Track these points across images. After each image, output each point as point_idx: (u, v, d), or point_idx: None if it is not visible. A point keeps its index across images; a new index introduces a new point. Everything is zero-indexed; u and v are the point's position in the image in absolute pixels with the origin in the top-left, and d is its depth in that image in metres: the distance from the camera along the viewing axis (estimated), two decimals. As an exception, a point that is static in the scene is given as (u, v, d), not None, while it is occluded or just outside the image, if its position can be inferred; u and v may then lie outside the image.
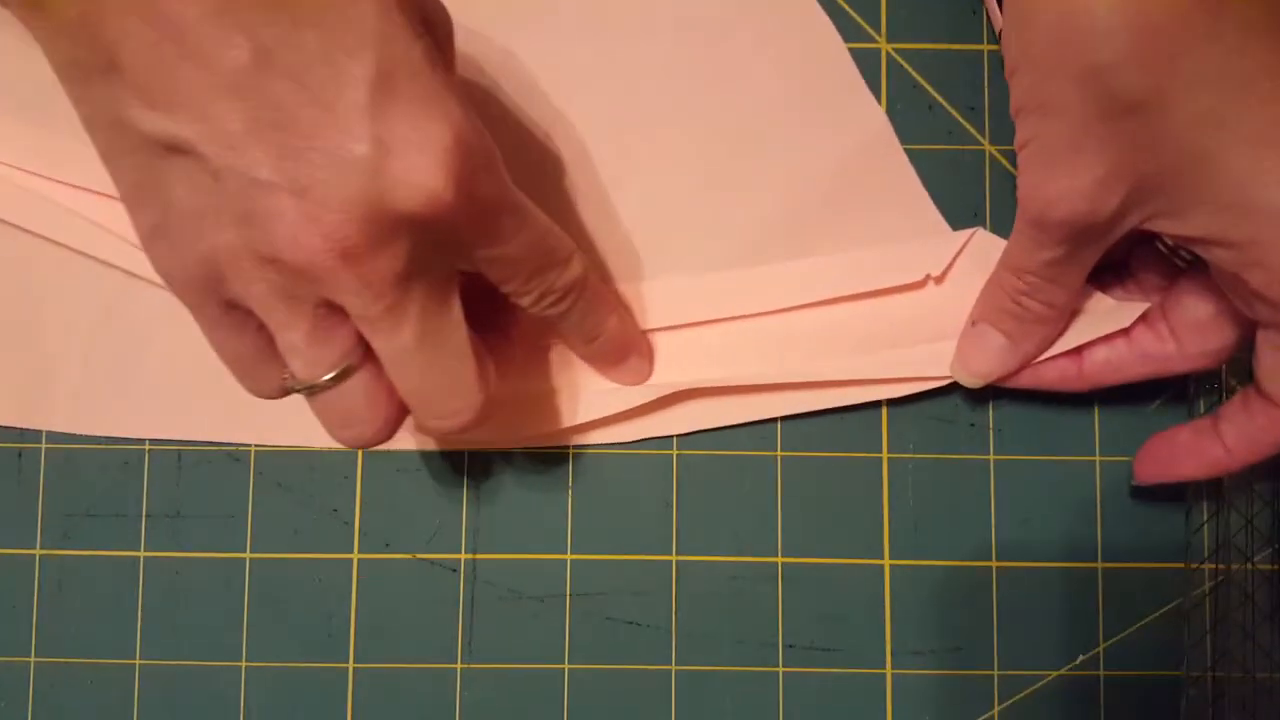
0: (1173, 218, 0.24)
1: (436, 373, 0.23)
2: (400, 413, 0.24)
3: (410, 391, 0.23)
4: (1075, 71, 0.22)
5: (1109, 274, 0.29)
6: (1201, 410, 0.31)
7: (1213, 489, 0.31)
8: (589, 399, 0.30)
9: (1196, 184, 0.22)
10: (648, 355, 0.30)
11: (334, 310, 0.22)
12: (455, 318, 0.23)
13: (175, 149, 0.20)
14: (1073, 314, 0.28)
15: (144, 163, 0.20)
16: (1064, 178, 0.23)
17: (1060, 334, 0.28)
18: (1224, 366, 0.30)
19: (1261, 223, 0.22)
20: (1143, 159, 0.23)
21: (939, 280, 0.30)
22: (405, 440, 0.31)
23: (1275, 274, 0.23)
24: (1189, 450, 0.28)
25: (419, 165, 0.20)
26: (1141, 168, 0.23)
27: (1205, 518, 0.30)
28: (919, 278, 0.30)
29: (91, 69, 0.19)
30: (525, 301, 0.25)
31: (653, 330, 0.31)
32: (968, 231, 0.30)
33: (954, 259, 0.30)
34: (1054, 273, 0.26)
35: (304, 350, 0.22)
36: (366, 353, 0.23)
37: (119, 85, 0.19)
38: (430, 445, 0.31)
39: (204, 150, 0.19)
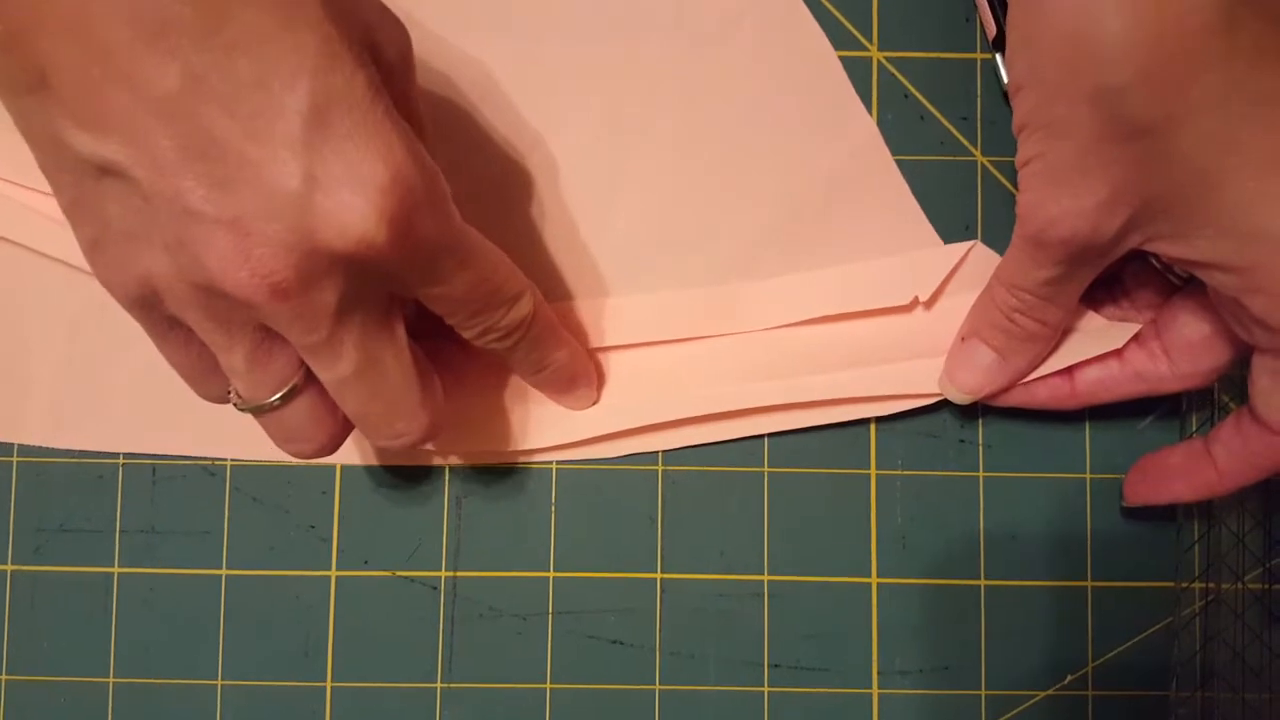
0: (1175, 240, 0.23)
1: (378, 400, 0.23)
2: (345, 428, 0.24)
3: (353, 415, 0.23)
4: (1084, 93, 0.22)
5: (1102, 290, 0.28)
6: (1194, 427, 0.30)
7: (1203, 508, 0.30)
8: (570, 417, 0.30)
9: (1202, 208, 0.22)
10: (596, 384, 0.30)
11: (273, 334, 0.21)
12: (397, 344, 0.23)
13: (107, 170, 0.19)
14: (1065, 332, 0.28)
15: (79, 180, 0.20)
16: (1067, 198, 0.23)
17: (1051, 351, 0.28)
18: (1216, 384, 0.30)
19: (1265, 249, 0.22)
20: (1148, 181, 0.22)
21: (929, 303, 0.30)
22: (384, 456, 0.30)
23: (1276, 300, 0.22)
24: (1180, 472, 0.28)
25: (350, 205, 0.19)
26: (1146, 190, 0.22)
27: (1196, 536, 0.30)
28: (908, 300, 0.30)
29: (24, 85, 0.19)
30: (468, 335, 0.25)
31: (638, 345, 0.30)
32: (963, 246, 0.30)
33: (948, 277, 0.30)
34: (1050, 291, 0.26)
35: (244, 374, 0.22)
36: (309, 373, 0.22)
37: (51, 103, 0.19)
38: (410, 461, 0.30)
39: (134, 174, 0.19)
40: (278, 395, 0.22)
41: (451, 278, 0.22)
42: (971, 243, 0.30)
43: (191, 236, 0.19)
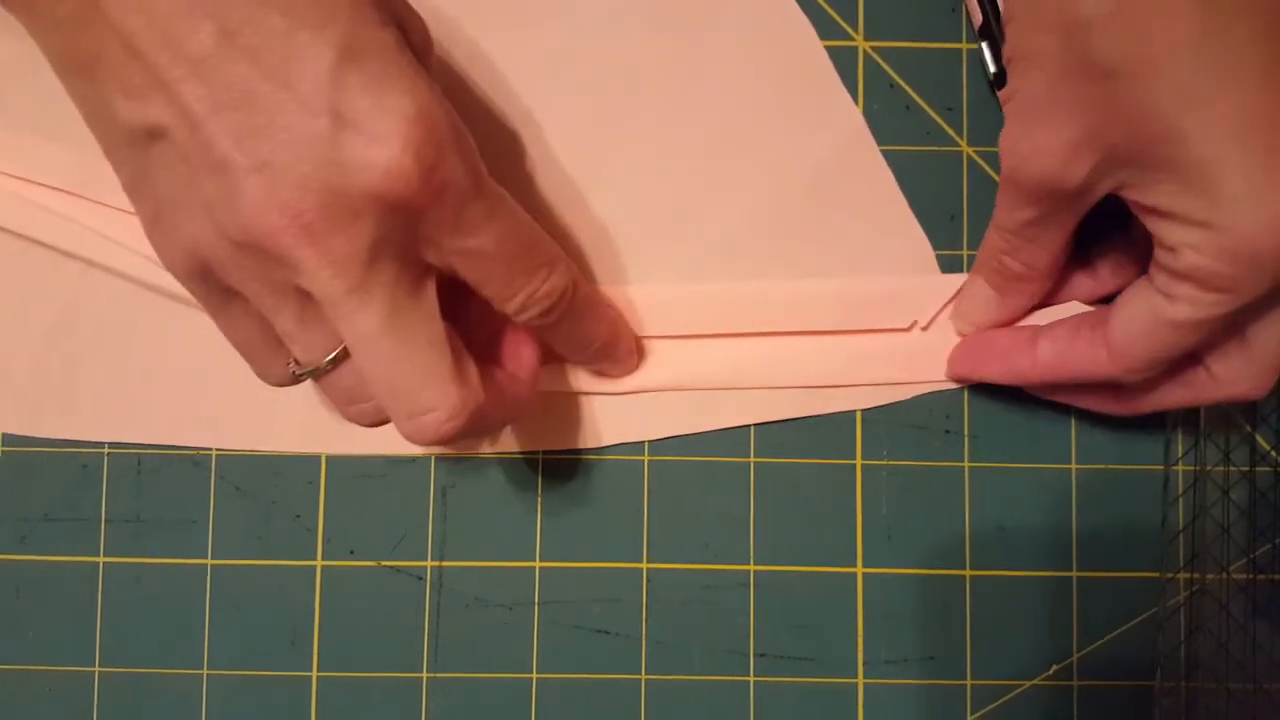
0: (1139, 188, 0.23)
1: (404, 363, 0.22)
2: None
3: (378, 383, 0.22)
4: (1056, 23, 0.22)
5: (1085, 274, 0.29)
6: (1179, 443, 0.30)
7: (1189, 499, 0.30)
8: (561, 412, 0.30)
9: (1167, 160, 0.22)
10: (636, 352, 0.30)
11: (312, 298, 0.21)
12: (427, 308, 0.22)
13: (153, 136, 0.20)
14: (1060, 270, 0.28)
15: (133, 155, 0.21)
16: (1038, 134, 0.23)
17: (1047, 290, 0.28)
18: (1201, 410, 0.30)
19: (1215, 207, 0.22)
20: (1116, 126, 0.22)
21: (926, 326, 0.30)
22: (370, 445, 0.30)
23: (1210, 259, 0.22)
24: (1001, 354, 0.28)
25: (378, 140, 0.20)
26: (1114, 135, 0.22)
27: (1180, 527, 0.30)
28: (908, 324, 0.30)
29: (81, 64, 0.20)
30: (510, 308, 0.24)
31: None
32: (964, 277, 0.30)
33: (947, 302, 0.30)
34: (1031, 232, 0.26)
35: (297, 336, 0.22)
36: None
37: (104, 78, 0.20)
38: (395, 449, 0.30)
39: (175, 134, 0.20)
40: (330, 356, 0.22)
41: (481, 227, 0.22)
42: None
43: (225, 188, 0.20)
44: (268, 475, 0.31)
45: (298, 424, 0.30)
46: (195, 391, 0.30)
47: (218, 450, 0.31)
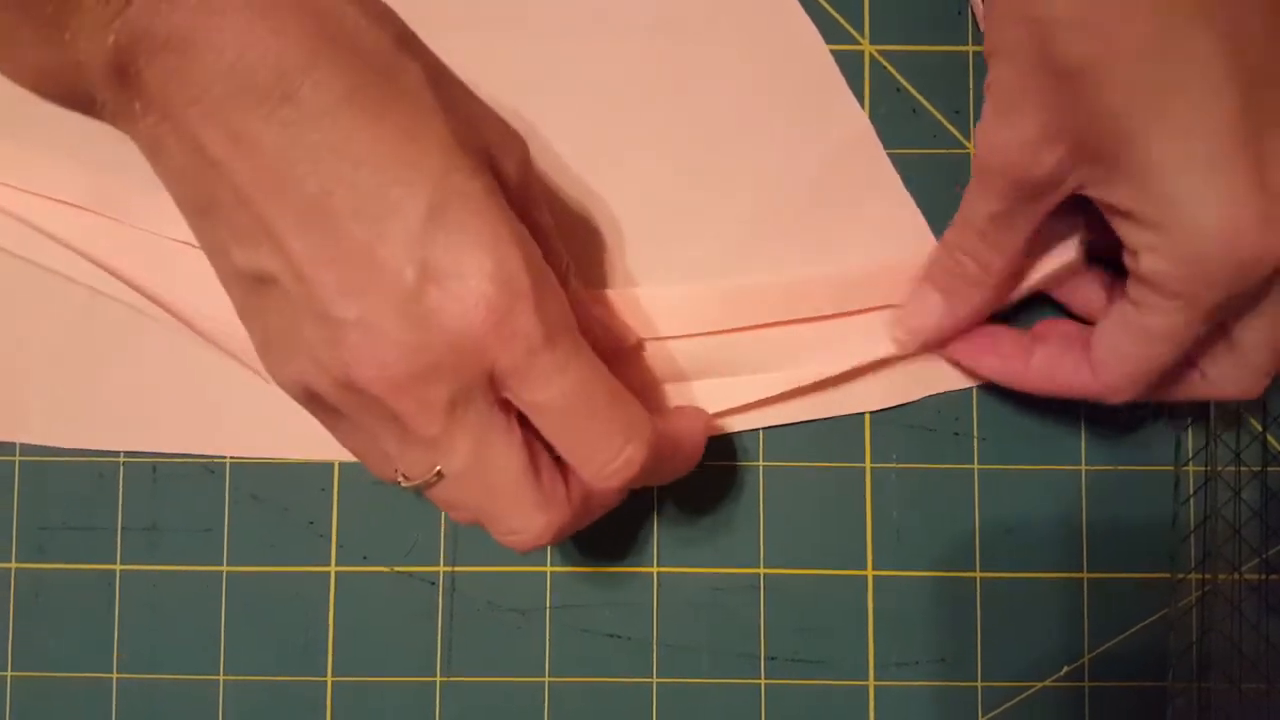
0: (1101, 186, 0.23)
1: (489, 497, 0.23)
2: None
3: (468, 508, 0.24)
4: (1023, 19, 0.22)
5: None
6: (1190, 443, 0.30)
7: (1200, 499, 0.30)
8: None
9: (1126, 159, 0.22)
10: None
11: None
12: (511, 444, 0.23)
13: (262, 280, 0.21)
14: (1010, 287, 0.28)
15: (244, 289, 0.22)
16: (1011, 124, 0.24)
17: (993, 305, 0.28)
18: (1212, 405, 0.30)
19: (1170, 210, 0.22)
20: (1078, 123, 0.23)
21: None
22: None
23: (1166, 264, 0.23)
24: (1001, 353, 0.28)
25: (454, 293, 0.21)
26: (1078, 131, 0.23)
27: (1192, 528, 0.30)
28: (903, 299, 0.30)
29: (198, 206, 0.22)
30: (584, 474, 0.24)
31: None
32: None
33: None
34: (992, 228, 0.26)
35: (399, 458, 0.23)
36: None
37: (219, 222, 0.21)
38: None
39: (283, 282, 0.21)
40: (430, 475, 0.23)
41: (549, 382, 0.22)
42: None
43: (330, 336, 0.21)
44: (281, 482, 0.31)
45: (311, 432, 0.30)
46: (209, 401, 0.31)
47: (232, 458, 0.31)
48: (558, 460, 0.24)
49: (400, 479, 0.24)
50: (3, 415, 0.31)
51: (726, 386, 0.30)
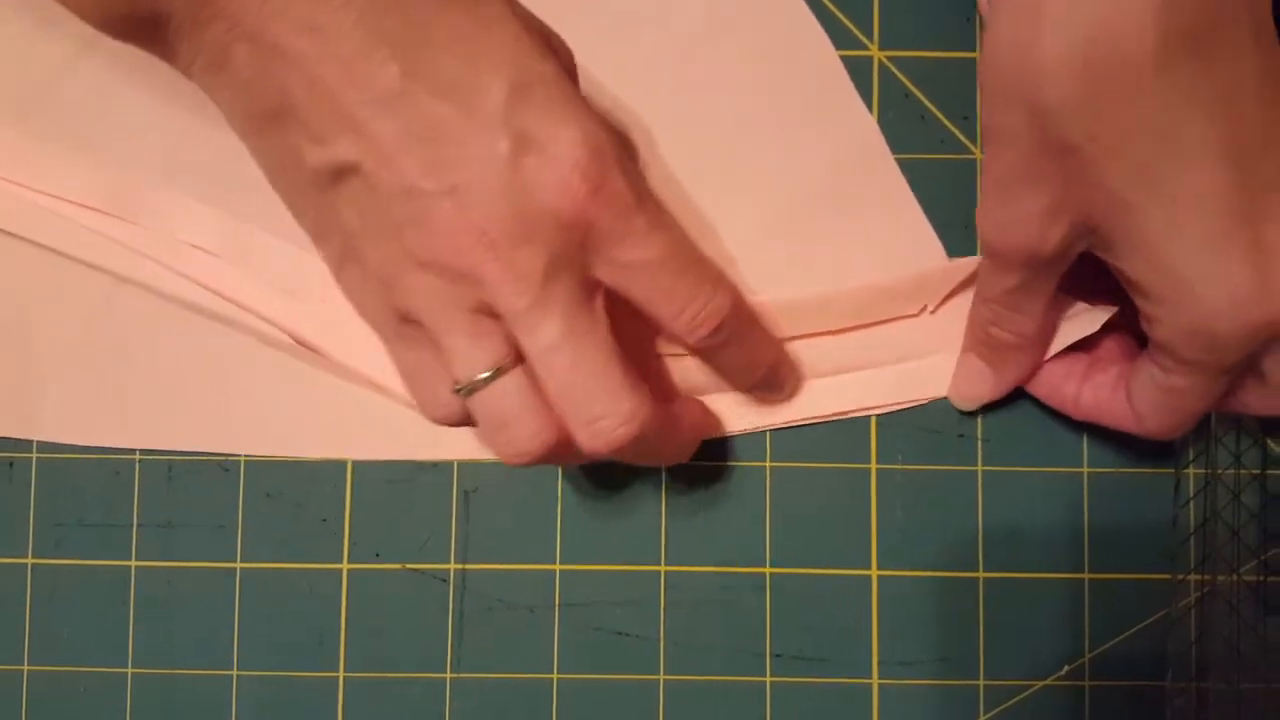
0: (1107, 254, 0.24)
1: (582, 371, 0.23)
2: (555, 426, 0.24)
3: (558, 390, 0.23)
4: (1022, 105, 0.22)
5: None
6: (1190, 450, 0.31)
7: (1200, 501, 0.31)
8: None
9: (1128, 233, 0.23)
10: (795, 369, 0.30)
11: (489, 313, 0.23)
12: (599, 321, 0.24)
13: (341, 174, 0.22)
14: (1048, 338, 0.28)
15: (319, 198, 0.23)
16: (1013, 206, 0.24)
17: (1040, 357, 0.29)
18: (1212, 413, 0.30)
19: (1174, 287, 0.23)
20: (1081, 200, 0.23)
21: (934, 309, 0.30)
22: (394, 450, 0.31)
23: (1175, 334, 0.23)
24: (1048, 384, 0.29)
25: (554, 162, 0.22)
26: (1082, 205, 0.23)
27: (1192, 529, 0.31)
28: (917, 310, 0.30)
29: (267, 118, 0.22)
30: (680, 326, 0.25)
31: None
32: (973, 260, 0.30)
33: (956, 288, 0.30)
34: (1014, 301, 0.26)
35: (463, 350, 0.23)
36: (520, 357, 0.24)
37: (291, 126, 0.22)
38: (420, 455, 0.31)
39: (364, 167, 0.22)
40: (489, 372, 0.23)
41: (646, 239, 0.23)
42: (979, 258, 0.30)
43: (416, 213, 0.22)
44: (295, 480, 0.31)
45: (324, 430, 0.31)
46: (224, 399, 0.31)
47: (246, 456, 0.31)
48: None
49: (454, 385, 0.24)
50: (20, 413, 0.31)
51: (733, 403, 0.31)
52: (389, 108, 0.21)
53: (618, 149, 0.23)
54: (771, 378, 0.30)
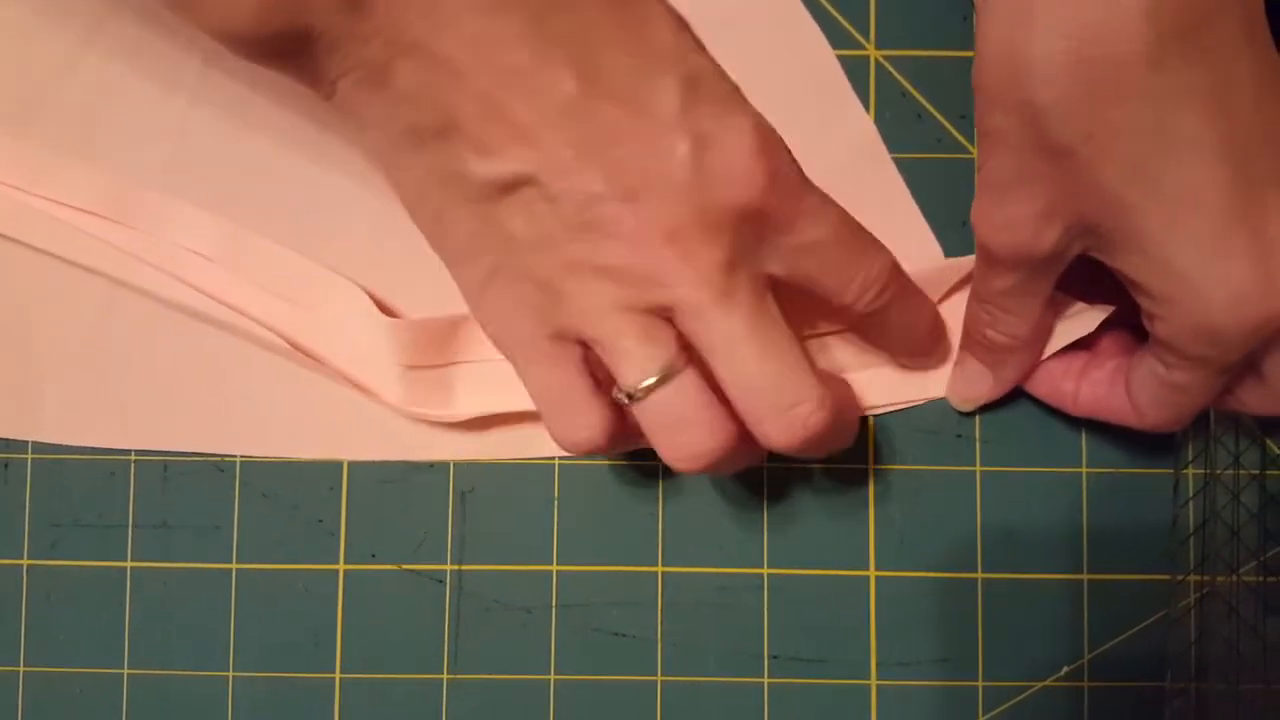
0: (1105, 255, 0.24)
1: (771, 361, 0.23)
2: (729, 425, 0.24)
3: (746, 383, 0.23)
4: (1014, 106, 0.22)
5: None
6: (1190, 450, 0.31)
7: (1199, 502, 0.30)
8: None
9: (1126, 232, 0.23)
10: (946, 333, 0.30)
11: (661, 315, 0.23)
12: (777, 312, 0.24)
13: (511, 187, 0.22)
14: (1045, 338, 0.28)
15: (478, 210, 0.22)
16: (1007, 207, 0.24)
17: (1037, 357, 0.29)
18: (1211, 410, 0.30)
19: (1175, 285, 0.22)
20: (1077, 200, 0.23)
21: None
22: (390, 451, 0.31)
23: (1176, 331, 0.23)
24: (1047, 381, 0.29)
25: (733, 155, 0.22)
26: (1077, 206, 0.23)
27: (1191, 530, 0.30)
28: None
29: (427, 133, 0.22)
30: (850, 295, 0.25)
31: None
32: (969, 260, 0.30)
33: (955, 287, 0.30)
34: (1009, 303, 0.26)
35: (634, 351, 0.23)
36: (691, 357, 0.23)
37: (454, 141, 0.22)
38: (415, 455, 0.31)
39: (540, 179, 0.21)
40: (660, 375, 0.23)
41: (819, 217, 0.24)
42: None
43: (597, 220, 0.22)
44: (291, 481, 0.31)
45: (320, 431, 0.31)
46: (220, 400, 0.31)
47: (242, 457, 0.31)
48: None
49: (618, 393, 0.23)
50: (16, 414, 0.31)
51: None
52: (565, 117, 0.21)
53: (777, 134, 0.23)
54: (932, 338, 0.29)
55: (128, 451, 0.31)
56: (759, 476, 0.31)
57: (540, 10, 0.21)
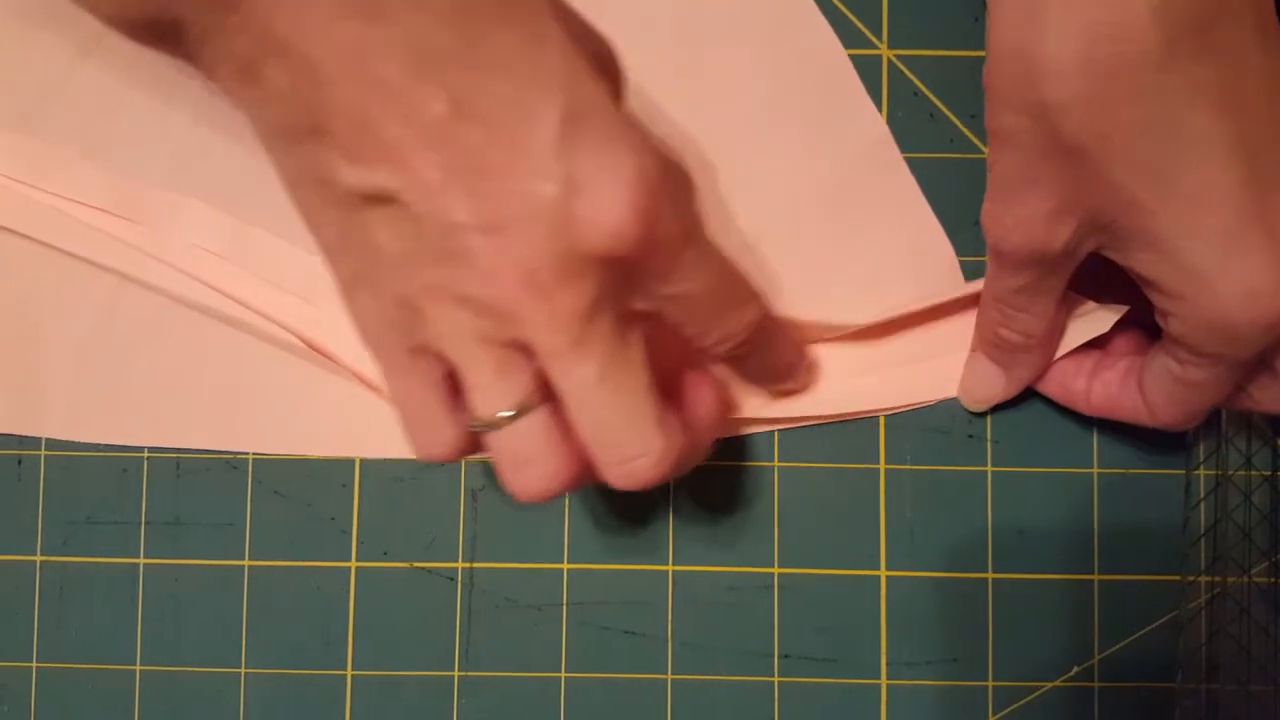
0: (1120, 253, 0.24)
1: (619, 413, 0.22)
2: (575, 465, 0.23)
3: (590, 429, 0.23)
4: (1025, 106, 0.22)
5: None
6: (1201, 451, 0.31)
7: (1211, 502, 0.30)
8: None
9: (1139, 230, 0.23)
10: (811, 366, 0.30)
11: (520, 349, 0.22)
12: (637, 356, 0.23)
13: (378, 199, 0.21)
14: (1058, 337, 0.28)
15: (346, 215, 0.21)
16: (1019, 207, 0.24)
17: (1050, 357, 0.29)
18: (1223, 411, 0.30)
19: (1190, 283, 0.23)
20: (1089, 197, 0.23)
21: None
22: (402, 449, 0.31)
23: (1191, 329, 0.23)
24: (1058, 380, 0.29)
25: (604, 202, 0.20)
26: (1089, 205, 0.23)
27: (1202, 530, 0.30)
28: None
29: (299, 132, 0.21)
30: (707, 343, 0.25)
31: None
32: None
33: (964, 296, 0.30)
34: (1022, 301, 0.26)
35: (488, 385, 0.22)
36: (547, 394, 0.23)
37: (325, 144, 0.20)
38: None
39: (405, 198, 0.20)
40: (513, 410, 0.22)
41: (691, 273, 0.23)
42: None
43: (457, 248, 0.20)
44: (303, 479, 0.31)
45: (332, 429, 0.31)
46: (233, 398, 0.31)
47: (254, 454, 0.31)
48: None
49: (472, 422, 0.23)
50: (29, 411, 0.31)
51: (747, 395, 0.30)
52: (434, 139, 0.20)
53: (671, 179, 0.22)
54: (789, 376, 0.29)
55: (140, 449, 0.31)
56: (770, 476, 0.31)
57: (422, 25, 0.19)
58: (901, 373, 0.30)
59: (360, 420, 0.31)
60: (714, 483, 0.31)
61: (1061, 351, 0.28)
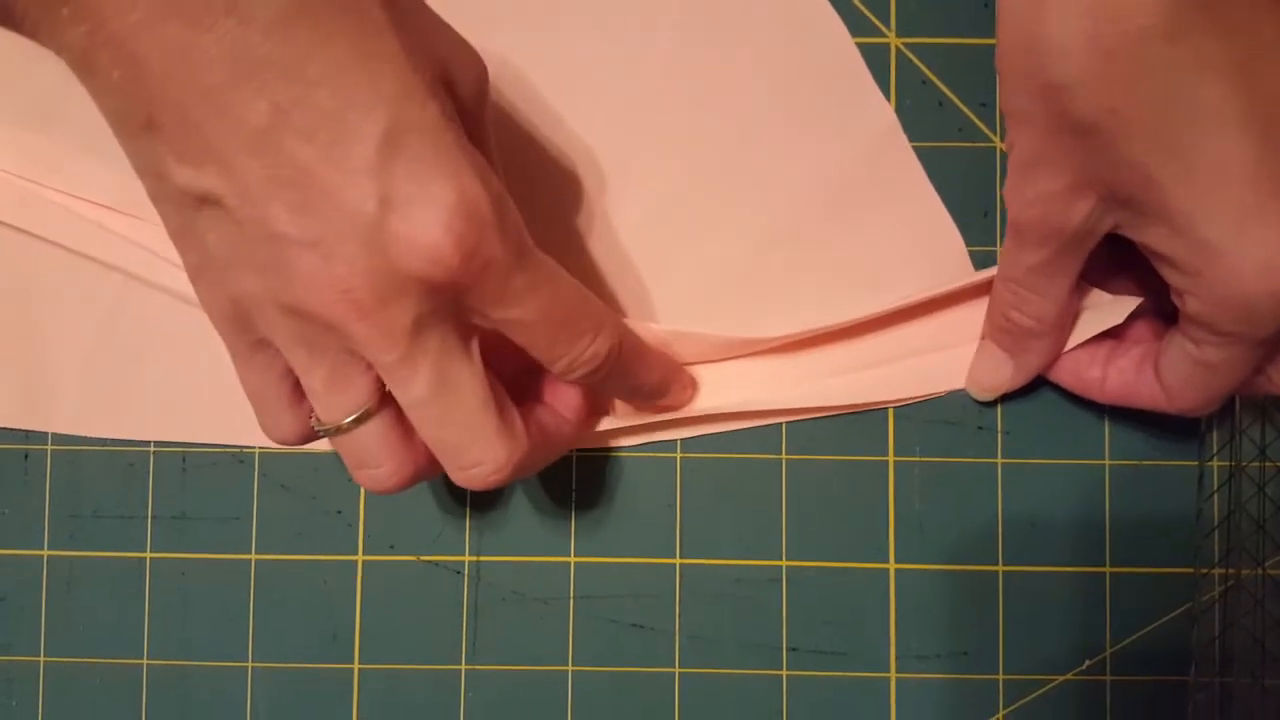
0: (1136, 230, 0.24)
1: (452, 425, 0.23)
2: (419, 462, 0.24)
3: (430, 440, 0.23)
4: (1035, 87, 0.22)
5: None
6: (1214, 442, 0.30)
7: (1224, 494, 0.30)
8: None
9: (1155, 206, 0.22)
10: (689, 385, 0.30)
11: (355, 356, 0.22)
12: (473, 370, 0.23)
13: (205, 200, 0.21)
14: (1069, 325, 0.28)
15: (181, 210, 0.21)
16: (1038, 182, 0.24)
17: (1060, 347, 0.28)
18: (1237, 400, 0.30)
19: (1206, 258, 0.22)
20: (1106, 174, 0.23)
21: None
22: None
23: (1208, 306, 0.23)
24: (1071, 369, 0.29)
25: (420, 225, 0.20)
26: (1105, 181, 0.23)
27: (1216, 522, 0.30)
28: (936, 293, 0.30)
29: (135, 125, 0.20)
30: (556, 370, 0.25)
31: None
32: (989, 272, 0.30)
33: (968, 286, 0.30)
34: (1036, 281, 0.26)
35: (322, 395, 0.22)
36: (385, 398, 0.23)
37: (158, 141, 0.20)
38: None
39: (228, 203, 0.20)
40: (351, 418, 0.23)
41: (523, 299, 0.22)
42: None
43: (278, 259, 0.20)
44: (309, 472, 0.31)
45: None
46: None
47: (260, 448, 0.31)
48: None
49: (314, 424, 0.23)
50: (36, 406, 0.31)
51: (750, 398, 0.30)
52: (256, 147, 0.20)
53: (498, 205, 0.22)
54: (657, 396, 0.29)
55: (146, 443, 0.31)
56: (778, 468, 0.31)
57: (245, 34, 0.19)
58: (910, 364, 0.30)
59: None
60: (721, 475, 0.31)
61: (1074, 342, 0.28)
